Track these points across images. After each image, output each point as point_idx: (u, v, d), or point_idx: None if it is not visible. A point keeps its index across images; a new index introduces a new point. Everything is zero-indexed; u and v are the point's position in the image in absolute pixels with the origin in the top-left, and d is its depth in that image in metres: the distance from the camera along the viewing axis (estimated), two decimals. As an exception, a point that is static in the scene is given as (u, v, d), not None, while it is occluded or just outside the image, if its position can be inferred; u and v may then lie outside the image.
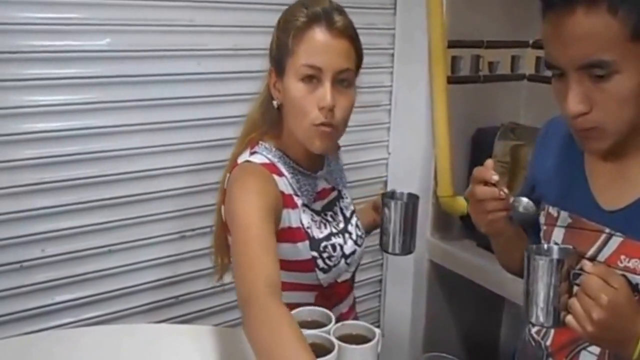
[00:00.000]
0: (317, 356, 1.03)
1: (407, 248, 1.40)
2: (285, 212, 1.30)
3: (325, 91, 1.26)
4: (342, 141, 1.60)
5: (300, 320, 1.22)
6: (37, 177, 1.77)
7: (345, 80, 1.29)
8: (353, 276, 1.52)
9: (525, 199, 1.12)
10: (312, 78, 1.27)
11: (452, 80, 2.29)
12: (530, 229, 1.28)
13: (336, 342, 1.13)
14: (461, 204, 2.23)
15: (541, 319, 1.01)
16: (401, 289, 2.49)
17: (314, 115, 1.27)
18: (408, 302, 2.47)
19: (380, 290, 2.58)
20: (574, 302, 0.97)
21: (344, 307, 1.45)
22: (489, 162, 1.15)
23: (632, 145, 1.07)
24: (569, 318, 0.97)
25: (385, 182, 2.47)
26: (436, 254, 2.41)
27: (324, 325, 1.19)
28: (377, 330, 1.19)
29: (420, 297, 2.47)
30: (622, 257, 1.06)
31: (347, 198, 1.51)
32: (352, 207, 1.51)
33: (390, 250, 1.39)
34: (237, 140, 1.41)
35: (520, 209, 1.11)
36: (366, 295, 2.53)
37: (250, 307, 1.06)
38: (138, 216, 1.94)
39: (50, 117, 1.77)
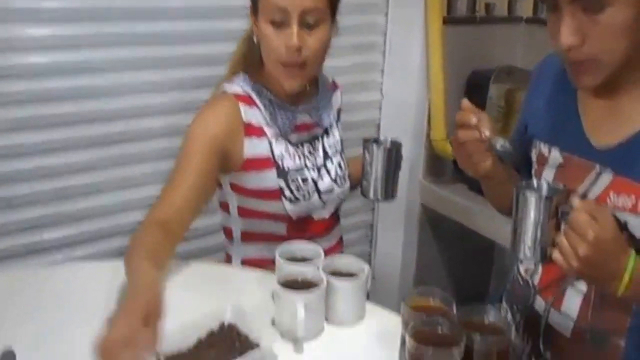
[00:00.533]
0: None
1: (389, 194, 1.32)
2: (247, 140, 1.35)
3: (292, 32, 1.28)
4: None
5: (290, 257, 1.22)
6: (26, 113, 1.75)
7: (314, 20, 1.30)
8: (336, 217, 1.53)
9: (502, 138, 1.11)
10: (281, 23, 1.29)
11: (448, 20, 2.26)
12: (523, 167, 1.27)
13: (325, 277, 1.13)
14: (454, 147, 2.22)
15: (528, 254, 1.01)
16: (392, 233, 2.50)
17: (281, 53, 1.30)
18: (399, 245, 2.49)
19: (371, 234, 2.59)
20: (560, 237, 0.96)
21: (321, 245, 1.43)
22: (465, 103, 1.13)
23: (625, 81, 1.06)
24: (555, 254, 0.97)
25: (378, 125, 2.45)
26: (428, 198, 2.41)
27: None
28: (366, 266, 1.20)
29: (411, 240, 2.49)
30: (612, 194, 1.05)
31: (334, 137, 1.51)
32: (338, 147, 1.52)
33: (371, 195, 1.32)
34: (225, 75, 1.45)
35: (498, 147, 1.11)
36: (357, 239, 2.54)
37: (135, 232, 1.23)
38: (129, 153, 1.93)
39: (39, 51, 1.74)
